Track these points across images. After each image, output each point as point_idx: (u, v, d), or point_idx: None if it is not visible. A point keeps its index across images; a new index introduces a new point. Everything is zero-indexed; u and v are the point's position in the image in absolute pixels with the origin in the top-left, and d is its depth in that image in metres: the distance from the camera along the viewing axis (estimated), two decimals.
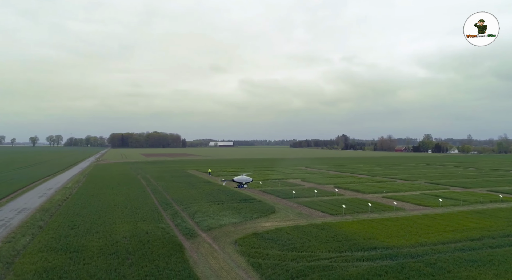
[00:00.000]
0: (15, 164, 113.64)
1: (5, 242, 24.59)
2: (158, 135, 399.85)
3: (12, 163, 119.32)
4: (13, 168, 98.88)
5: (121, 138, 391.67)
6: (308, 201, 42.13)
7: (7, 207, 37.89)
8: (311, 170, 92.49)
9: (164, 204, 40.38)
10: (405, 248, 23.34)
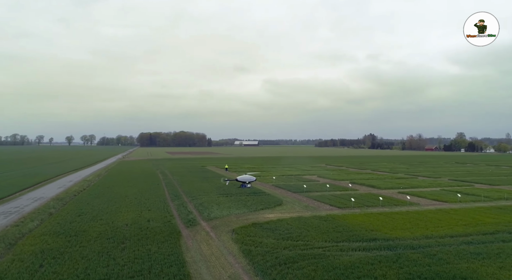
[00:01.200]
0: (48, 160, 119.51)
1: (13, 226, 25.76)
2: (185, 134, 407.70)
3: (45, 159, 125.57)
4: (44, 163, 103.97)
5: (149, 137, 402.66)
6: (318, 195, 41.28)
7: (26, 196, 39.80)
8: (330, 167, 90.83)
9: (173, 196, 40.91)
10: (408, 240, 22.25)
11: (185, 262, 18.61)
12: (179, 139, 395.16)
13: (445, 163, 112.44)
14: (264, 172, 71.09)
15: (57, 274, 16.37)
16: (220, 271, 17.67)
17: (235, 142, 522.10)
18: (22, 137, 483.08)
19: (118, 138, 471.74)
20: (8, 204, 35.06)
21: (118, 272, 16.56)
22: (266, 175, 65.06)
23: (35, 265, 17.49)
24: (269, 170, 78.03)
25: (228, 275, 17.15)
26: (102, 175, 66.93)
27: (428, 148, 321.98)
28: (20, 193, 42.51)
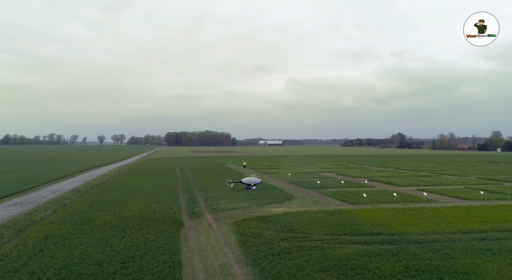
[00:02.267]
0: (78, 157, 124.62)
1: (26, 214, 26.91)
2: (210, 134, 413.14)
3: (76, 157, 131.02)
4: (74, 160, 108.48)
5: (176, 136, 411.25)
6: (331, 191, 40.37)
7: (46, 189, 41.59)
8: (351, 166, 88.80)
9: (186, 190, 41.36)
10: (415, 235, 21.21)
11: (179, 250, 18.65)
12: (204, 138, 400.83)
13: (476, 162, 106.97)
14: (281, 169, 70.54)
15: (54, 258, 16.83)
16: (212, 260, 17.54)
17: (260, 141, 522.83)
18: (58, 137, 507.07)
19: (146, 137, 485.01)
20: (28, 195, 36.74)
21: (111, 258, 16.80)
22: (282, 172, 64.51)
23: (36, 250, 18.09)
24: (287, 167, 77.35)
25: (219, 264, 16.99)
26: (123, 171, 68.89)
27: (461, 148, 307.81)
28: (43, 186, 44.46)
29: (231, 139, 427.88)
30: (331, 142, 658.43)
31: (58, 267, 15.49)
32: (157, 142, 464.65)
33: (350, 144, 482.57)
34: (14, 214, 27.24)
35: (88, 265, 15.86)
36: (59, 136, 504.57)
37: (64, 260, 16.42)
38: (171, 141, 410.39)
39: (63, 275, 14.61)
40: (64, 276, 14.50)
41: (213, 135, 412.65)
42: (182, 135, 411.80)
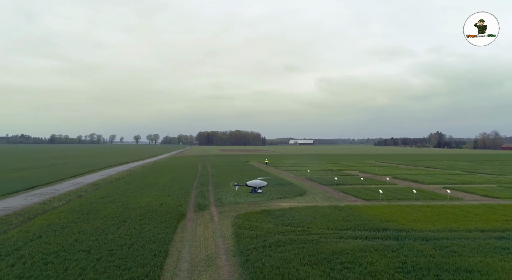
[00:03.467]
0: (110, 155, 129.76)
1: (40, 204, 27.99)
2: (240, 133, 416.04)
3: (108, 154, 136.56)
4: (105, 157, 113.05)
5: (207, 136, 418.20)
6: (347, 188, 38.82)
7: (68, 182, 43.28)
8: (379, 164, 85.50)
9: (200, 184, 41.46)
10: (425, 232, 19.66)
11: (171, 240, 18.46)
12: (235, 138, 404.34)
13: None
14: (303, 167, 69.20)
15: (47, 244, 17.18)
16: (201, 250, 17.17)
17: (290, 141, 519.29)
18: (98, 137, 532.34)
19: (179, 137, 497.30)
20: (50, 187, 38.38)
21: (101, 246, 16.87)
22: (304, 169, 63.23)
23: (35, 236, 18.58)
24: (310, 165, 75.79)
25: (206, 254, 16.58)
26: (147, 167, 70.61)
27: (506, 147, 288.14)
28: (67, 179, 46.30)
29: (261, 139, 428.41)
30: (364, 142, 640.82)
31: (47, 252, 15.75)
32: (189, 142, 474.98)
33: (383, 143, 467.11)
34: (29, 203, 28.44)
35: (77, 251, 16.00)
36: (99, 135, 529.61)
37: (55, 246, 16.70)
38: (202, 140, 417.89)
39: (49, 260, 14.80)
40: (49, 261, 14.68)
41: (243, 134, 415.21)
42: (213, 134, 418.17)
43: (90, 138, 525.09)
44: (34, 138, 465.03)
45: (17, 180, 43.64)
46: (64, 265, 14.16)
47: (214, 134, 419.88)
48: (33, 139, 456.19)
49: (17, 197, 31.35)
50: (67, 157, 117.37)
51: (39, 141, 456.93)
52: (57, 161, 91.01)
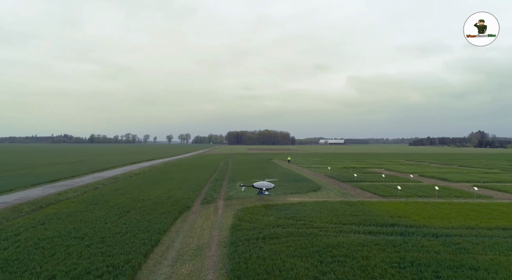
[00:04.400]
0: (138, 153, 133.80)
1: (56, 194, 28.96)
2: (269, 133, 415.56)
3: (138, 152, 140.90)
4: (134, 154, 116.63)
5: (236, 135, 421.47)
6: (366, 185, 37.14)
7: (91, 176, 44.67)
8: (408, 162, 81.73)
9: (216, 179, 41.37)
10: (437, 228, 18.18)
11: (167, 230, 18.26)
12: (264, 137, 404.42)
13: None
14: (326, 165, 67.51)
15: (47, 230, 17.51)
16: (193, 241, 16.80)
17: (320, 140, 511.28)
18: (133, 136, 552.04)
19: (209, 136, 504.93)
20: (71, 180, 39.73)
21: (96, 233, 16.94)
22: (326, 167, 61.66)
23: (38, 223, 19.03)
24: (334, 163, 73.87)
25: (197, 244, 16.18)
26: (169, 163, 71.85)
27: None
28: (90, 174, 47.74)
29: (290, 138, 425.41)
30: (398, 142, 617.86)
31: (42, 238, 16.00)
32: (219, 141, 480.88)
33: (419, 143, 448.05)
34: (46, 194, 29.50)
35: (71, 238, 16.14)
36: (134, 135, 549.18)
37: (53, 233, 16.97)
38: (231, 140, 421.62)
39: (41, 245, 15.00)
40: (41, 246, 14.86)
41: (272, 134, 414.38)
42: (242, 134, 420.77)
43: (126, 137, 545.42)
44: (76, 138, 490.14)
45: (43, 174, 45.69)
46: (53, 250, 14.27)
47: (243, 133, 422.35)
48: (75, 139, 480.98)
49: (37, 189, 32.66)
50: (99, 154, 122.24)
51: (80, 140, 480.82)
52: (88, 158, 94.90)
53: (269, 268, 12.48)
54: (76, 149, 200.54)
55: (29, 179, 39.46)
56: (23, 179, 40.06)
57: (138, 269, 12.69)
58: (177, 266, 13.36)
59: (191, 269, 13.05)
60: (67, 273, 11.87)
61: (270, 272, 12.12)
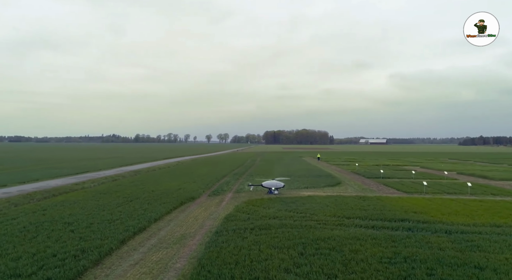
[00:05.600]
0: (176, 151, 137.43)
1: (73, 184, 29.84)
2: (307, 132, 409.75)
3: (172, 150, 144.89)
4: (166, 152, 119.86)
5: (273, 135, 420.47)
6: (392, 181, 34.60)
7: (115, 169, 45.84)
8: (451, 161, 75.88)
9: (235, 174, 40.78)
10: (454, 225, 16.09)
11: (158, 219, 17.85)
12: (301, 136, 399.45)
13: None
14: (356, 162, 64.57)
15: (44, 215, 17.71)
16: (181, 230, 16.14)
17: (360, 140, 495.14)
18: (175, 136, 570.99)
19: (247, 136, 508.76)
20: (95, 173, 41.00)
21: (86, 219, 16.83)
22: (355, 164, 58.88)
23: (40, 209, 19.40)
24: (366, 161, 70.48)
25: (182, 233, 15.50)
26: (198, 160, 72.56)
27: None
28: (116, 168, 49.00)
29: (328, 138, 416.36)
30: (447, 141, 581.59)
31: (34, 222, 16.15)
32: (257, 141, 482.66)
33: (470, 142, 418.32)
34: (64, 184, 30.50)
35: (61, 223, 16.10)
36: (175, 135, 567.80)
37: (47, 218, 17.13)
38: (269, 139, 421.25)
39: (28, 228, 15.09)
40: (27, 229, 14.94)
41: (310, 133, 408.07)
42: (279, 133, 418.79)
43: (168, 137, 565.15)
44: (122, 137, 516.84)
45: (73, 167, 47.73)
46: (36, 234, 14.24)
47: (281, 133, 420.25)
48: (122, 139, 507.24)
49: (60, 179, 33.96)
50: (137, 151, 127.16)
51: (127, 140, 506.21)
52: (125, 154, 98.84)
53: (241, 258, 11.45)
54: (120, 147, 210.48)
55: (58, 172, 41.37)
56: (53, 171, 42.11)
57: (106, 255, 12.21)
58: (150, 253, 12.73)
59: (162, 257, 12.34)
60: (34, 255, 11.65)
61: (240, 262, 11.09)
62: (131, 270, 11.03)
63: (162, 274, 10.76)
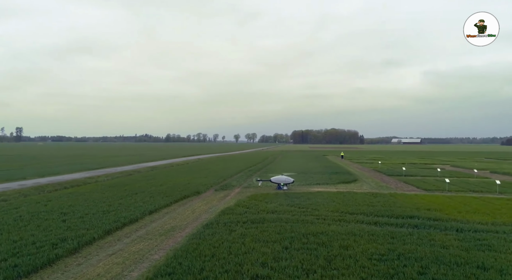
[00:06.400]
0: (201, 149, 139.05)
1: (87, 178, 30.42)
2: (336, 132, 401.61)
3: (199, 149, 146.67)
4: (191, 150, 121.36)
5: (301, 134, 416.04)
6: (414, 179, 32.66)
7: (133, 165, 46.60)
8: (486, 160, 71.09)
9: (248, 171, 40.19)
10: (470, 223, 14.57)
11: (154, 211, 17.50)
12: (330, 136, 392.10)
13: None
14: (382, 161, 62.05)
15: (46, 206, 17.87)
16: (173, 222, 15.71)
17: (393, 140, 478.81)
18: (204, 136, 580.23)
19: (275, 136, 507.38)
20: (113, 168, 41.57)
21: (83, 210, 16.73)
22: (379, 162, 56.53)
23: (45, 200, 19.70)
24: (393, 160, 67.56)
25: (173, 225, 15.05)
26: (218, 157, 72.64)
27: None
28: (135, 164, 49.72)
29: (358, 137, 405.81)
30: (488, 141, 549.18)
31: (32, 211, 16.31)
32: (285, 140, 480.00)
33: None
34: (80, 177, 31.17)
35: (57, 213, 16.02)
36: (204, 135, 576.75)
37: (47, 208, 17.28)
38: (297, 139, 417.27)
39: (23, 217, 15.19)
40: (22, 218, 15.04)
41: (339, 133, 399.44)
42: (307, 133, 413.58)
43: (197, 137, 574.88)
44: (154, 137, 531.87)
45: (94, 163, 49.05)
46: (28, 222, 14.27)
47: (309, 132, 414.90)
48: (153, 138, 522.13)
49: (77, 174, 34.74)
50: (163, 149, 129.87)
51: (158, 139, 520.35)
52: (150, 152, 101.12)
53: (220, 251, 10.78)
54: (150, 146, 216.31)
55: (79, 167, 42.63)
56: (76, 166, 43.43)
57: (86, 244, 11.94)
58: (132, 244, 12.34)
59: (142, 248, 11.91)
60: (14, 242, 11.57)
61: (217, 255, 10.43)
62: (105, 260, 10.66)
63: (135, 264, 10.30)
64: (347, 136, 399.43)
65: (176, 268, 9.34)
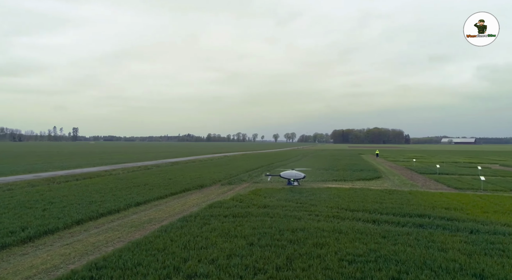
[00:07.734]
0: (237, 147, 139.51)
1: (103, 171, 30.72)
2: (379, 131, 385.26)
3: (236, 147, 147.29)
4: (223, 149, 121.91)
5: (342, 134, 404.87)
6: (447, 177, 29.38)
7: (157, 161, 46.96)
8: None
9: (266, 166, 38.91)
10: (490, 224, 12.31)
11: (142, 203, 16.83)
12: (372, 135, 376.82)
13: None
14: (421, 159, 57.65)
15: (43, 195, 17.69)
16: (155, 214, 14.83)
17: (443, 139, 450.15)
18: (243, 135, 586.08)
19: (314, 135, 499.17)
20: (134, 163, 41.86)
21: (77, 200, 16.38)
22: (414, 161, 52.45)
23: (49, 189, 19.87)
24: (433, 159, 62.52)
25: (151, 217, 14.18)
26: (246, 154, 71.81)
27: None
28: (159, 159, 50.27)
29: (403, 137, 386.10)
30: None
31: (24, 200, 16.24)
32: (325, 140, 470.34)
33: None
34: (98, 170, 31.57)
35: (45, 202, 15.82)
36: (244, 134, 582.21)
37: (42, 197, 17.08)
38: (337, 138, 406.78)
39: (11, 206, 15.01)
40: (9, 206, 14.91)
41: (382, 132, 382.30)
42: (348, 132, 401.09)
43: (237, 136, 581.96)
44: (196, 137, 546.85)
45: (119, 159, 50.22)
46: (9, 210, 14.14)
47: (350, 132, 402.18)
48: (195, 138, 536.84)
49: (97, 167, 35.23)
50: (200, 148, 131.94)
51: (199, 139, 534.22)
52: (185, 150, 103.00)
53: (175, 245, 9.67)
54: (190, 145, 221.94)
55: (104, 161, 43.78)
56: (100, 161, 44.64)
57: (46, 234, 11.29)
58: (95, 235, 11.58)
59: (102, 239, 11.09)
60: None
61: (168, 249, 9.34)
62: (53, 251, 9.93)
63: (80, 256, 9.45)
64: (391, 136, 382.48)
65: (111, 262, 8.33)
